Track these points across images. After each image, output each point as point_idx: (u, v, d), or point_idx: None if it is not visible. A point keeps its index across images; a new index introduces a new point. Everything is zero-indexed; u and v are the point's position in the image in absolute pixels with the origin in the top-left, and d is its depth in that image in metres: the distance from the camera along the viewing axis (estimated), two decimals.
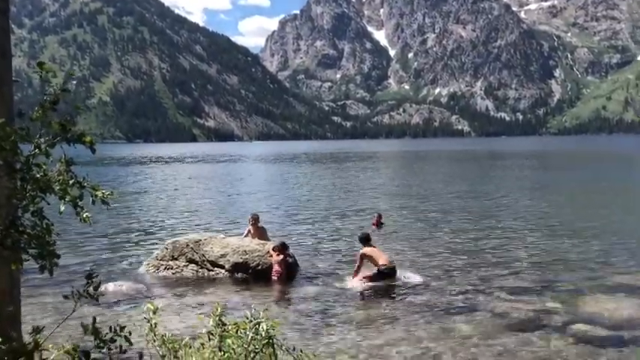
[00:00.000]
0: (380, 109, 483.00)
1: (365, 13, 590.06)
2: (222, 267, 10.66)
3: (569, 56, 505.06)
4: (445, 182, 33.59)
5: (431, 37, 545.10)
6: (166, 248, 11.31)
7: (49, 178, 2.36)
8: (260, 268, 10.52)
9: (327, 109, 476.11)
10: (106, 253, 12.86)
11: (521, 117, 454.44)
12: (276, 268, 10.32)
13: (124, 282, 10.00)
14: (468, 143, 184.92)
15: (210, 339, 3.12)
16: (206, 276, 10.64)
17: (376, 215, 16.75)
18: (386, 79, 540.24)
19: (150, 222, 18.00)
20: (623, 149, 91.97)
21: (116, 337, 2.54)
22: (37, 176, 2.33)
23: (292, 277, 10.45)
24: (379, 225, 16.22)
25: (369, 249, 10.32)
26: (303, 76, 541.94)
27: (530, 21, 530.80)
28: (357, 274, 10.01)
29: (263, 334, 3.02)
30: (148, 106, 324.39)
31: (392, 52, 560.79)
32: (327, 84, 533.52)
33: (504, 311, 8.20)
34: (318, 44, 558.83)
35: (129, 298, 9.19)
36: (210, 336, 3.12)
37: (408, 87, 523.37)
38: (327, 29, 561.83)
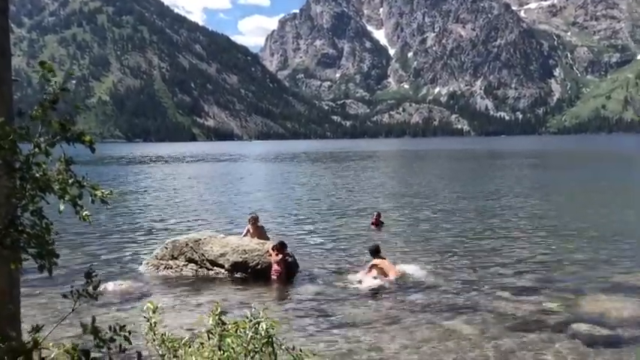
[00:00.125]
0: (379, 108, 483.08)
1: (364, 12, 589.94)
2: (222, 266, 10.66)
3: (569, 55, 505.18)
4: (444, 182, 33.62)
5: (430, 36, 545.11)
6: (166, 247, 11.31)
7: (49, 177, 2.35)
8: (259, 267, 10.52)
9: (326, 108, 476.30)
10: (106, 253, 12.86)
11: (520, 116, 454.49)
12: (275, 267, 10.32)
13: (123, 281, 10.02)
14: (468, 142, 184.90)
15: (209, 338, 3.11)
16: (205, 275, 10.64)
17: (375, 214, 16.59)
18: (385, 79, 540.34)
19: (149, 221, 18.00)
20: (622, 148, 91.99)
21: (115, 337, 2.54)
22: (36, 175, 2.32)
23: (292, 277, 10.45)
24: (378, 224, 16.11)
25: (379, 261, 10.17)
26: (302, 75, 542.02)
27: (530, 20, 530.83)
28: (363, 283, 9.75)
29: (262, 334, 3.02)
30: (148, 105, 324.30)
31: (391, 52, 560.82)
32: (326, 83, 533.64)
33: (504, 311, 8.21)
34: (318, 43, 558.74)
35: (128, 297, 9.20)
36: (210, 335, 3.11)
37: (407, 86, 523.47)
38: (326, 28, 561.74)
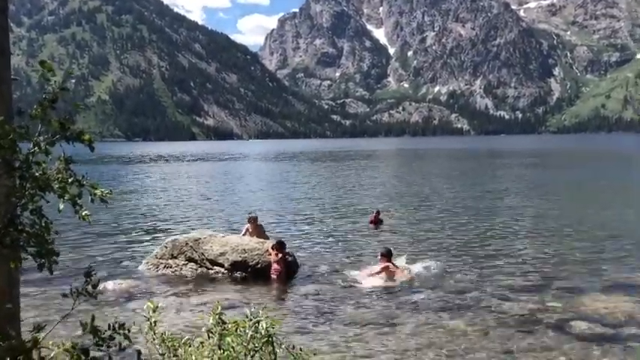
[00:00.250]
0: (379, 107, 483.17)
1: (364, 11, 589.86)
2: (222, 265, 10.65)
3: (569, 55, 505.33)
4: (444, 181, 33.61)
5: (430, 35, 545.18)
6: (166, 247, 11.31)
7: (48, 176, 2.35)
8: (259, 266, 10.51)
9: (326, 107, 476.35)
10: (106, 252, 12.85)
11: (520, 115, 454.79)
12: (275, 266, 10.31)
13: (123, 280, 10.02)
14: (468, 142, 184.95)
15: (209, 337, 3.11)
16: (205, 274, 10.64)
17: (374, 212, 16.51)
18: (385, 78, 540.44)
19: (149, 220, 18.00)
20: (622, 148, 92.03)
21: (115, 335, 2.54)
22: (36, 174, 2.32)
23: (291, 276, 10.45)
24: (377, 222, 16.04)
25: (390, 264, 10.15)
26: (302, 74, 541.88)
27: (530, 19, 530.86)
28: (365, 282, 9.75)
29: (262, 333, 3.02)
30: (147, 104, 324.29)
31: (391, 51, 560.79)
32: (326, 82, 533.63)
33: (504, 309, 8.21)
34: (318, 42, 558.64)
35: (128, 296, 9.20)
36: (210, 334, 3.11)
37: (407, 85, 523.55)
38: (326, 27, 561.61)
